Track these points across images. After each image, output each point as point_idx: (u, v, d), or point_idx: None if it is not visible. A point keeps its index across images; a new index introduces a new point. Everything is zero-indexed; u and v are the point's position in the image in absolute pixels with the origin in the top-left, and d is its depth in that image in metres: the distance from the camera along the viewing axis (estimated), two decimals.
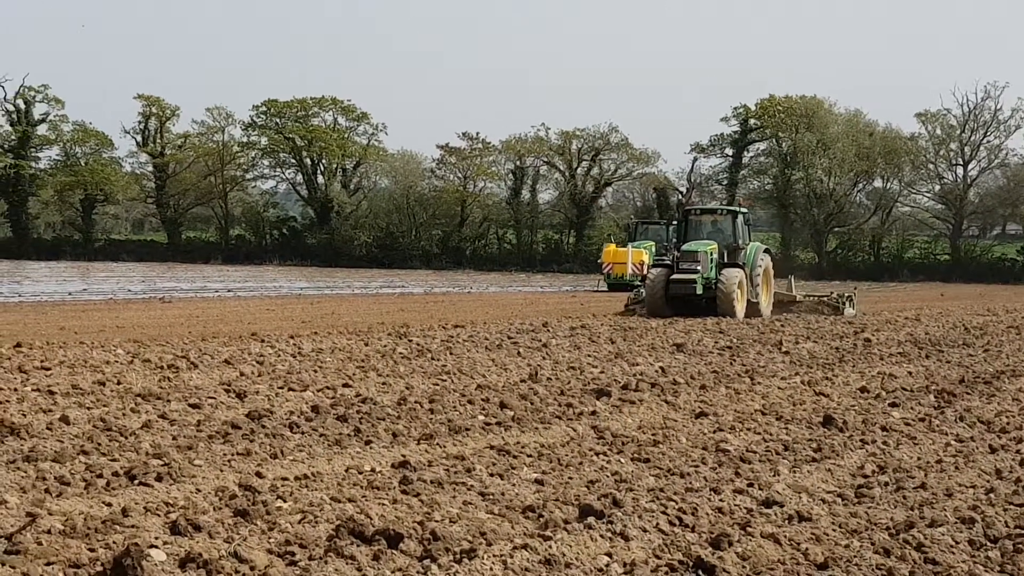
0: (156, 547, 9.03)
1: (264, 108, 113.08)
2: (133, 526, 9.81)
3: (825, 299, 44.27)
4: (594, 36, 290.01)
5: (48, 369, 20.11)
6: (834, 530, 10.39)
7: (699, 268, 39.33)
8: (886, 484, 12.26)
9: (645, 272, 58.57)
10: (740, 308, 39.08)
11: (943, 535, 10.21)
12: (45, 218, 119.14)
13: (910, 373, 22.98)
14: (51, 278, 66.61)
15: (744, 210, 42.49)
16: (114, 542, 9.26)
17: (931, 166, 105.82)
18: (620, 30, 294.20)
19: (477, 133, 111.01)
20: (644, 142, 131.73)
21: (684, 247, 40.33)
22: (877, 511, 11.10)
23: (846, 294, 45.13)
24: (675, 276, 39.63)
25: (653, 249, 62.03)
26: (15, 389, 17.48)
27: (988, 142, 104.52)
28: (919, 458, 13.92)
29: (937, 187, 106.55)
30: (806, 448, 14.32)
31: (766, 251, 42.15)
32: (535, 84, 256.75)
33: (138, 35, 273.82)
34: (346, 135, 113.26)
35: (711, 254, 39.87)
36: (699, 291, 39.25)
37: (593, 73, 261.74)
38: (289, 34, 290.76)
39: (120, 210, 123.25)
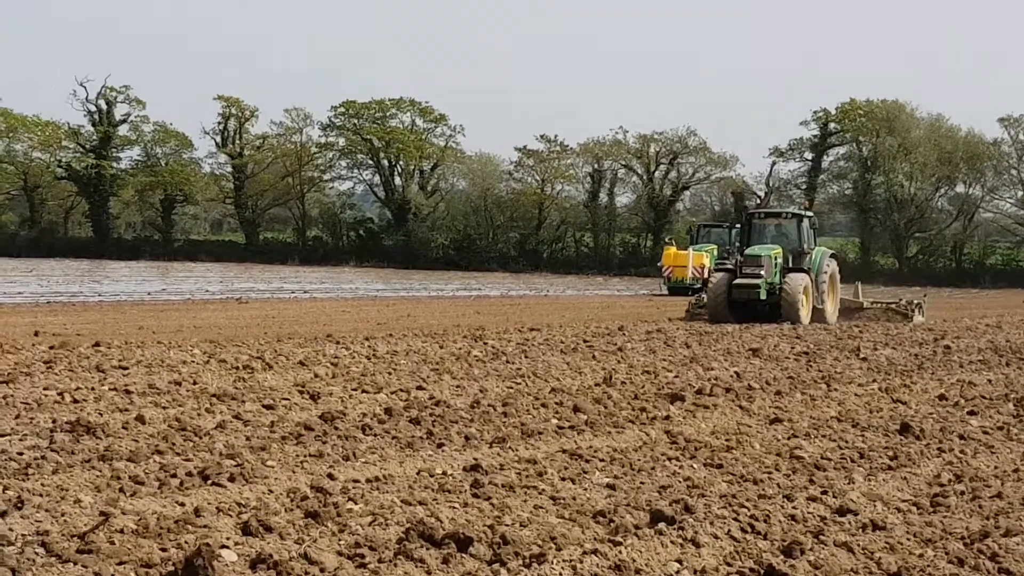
0: (227, 547, 9.07)
1: (342, 109, 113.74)
2: (205, 526, 9.85)
3: (893, 306, 43.35)
4: (675, 38, 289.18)
5: (126, 368, 20.27)
6: (908, 539, 10.28)
7: (763, 273, 38.40)
8: (962, 493, 12.12)
9: (705, 276, 58.01)
10: (805, 314, 38.20)
11: (1018, 545, 10.10)
12: (126, 218, 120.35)
13: (990, 381, 22.73)
14: (130, 278, 67.28)
15: (809, 214, 41.47)
16: (186, 542, 9.31)
17: (1014, 171, 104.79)
18: (700, 32, 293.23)
19: (555, 136, 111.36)
20: (723, 146, 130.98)
21: (748, 251, 39.42)
22: (952, 520, 10.98)
23: (915, 301, 43.88)
24: (738, 280, 38.74)
25: (715, 252, 61.30)
26: (92, 388, 17.63)
27: None
28: (996, 467, 13.76)
29: (1020, 193, 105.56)
30: (882, 456, 14.18)
31: (832, 256, 41.19)
32: (614, 85, 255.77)
33: (219, 36, 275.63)
34: (424, 136, 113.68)
35: (775, 258, 38.99)
36: (763, 296, 38.43)
37: (673, 75, 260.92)
38: (368, 34, 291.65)
39: (199, 210, 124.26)
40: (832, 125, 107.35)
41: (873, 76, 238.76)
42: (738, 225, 44.21)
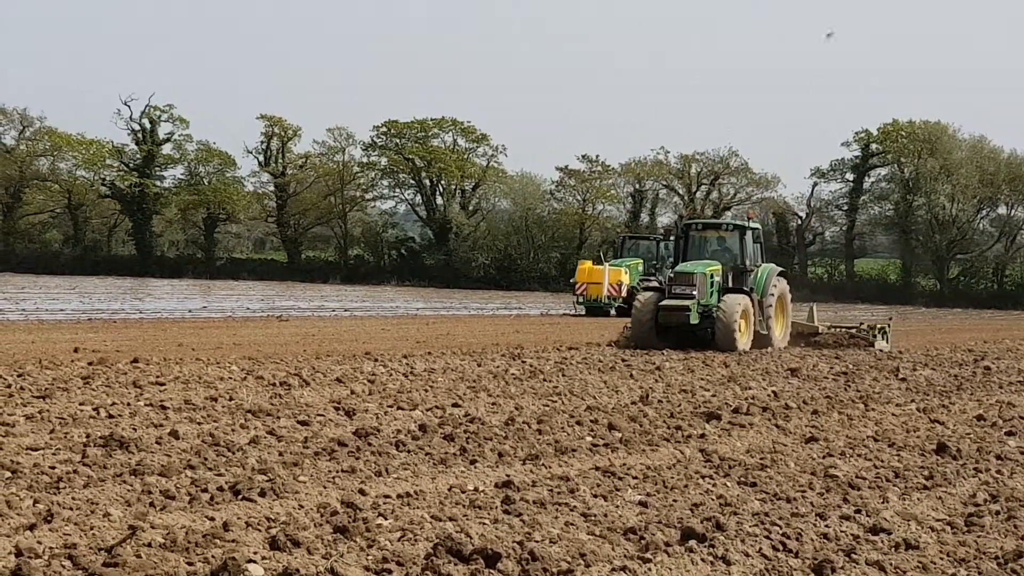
0: (254, 562, 9.06)
1: (384, 129, 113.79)
2: (233, 541, 9.84)
3: (854, 331, 38.47)
4: (715, 56, 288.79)
5: (163, 384, 20.34)
6: (941, 558, 10.20)
7: (694, 293, 33.54)
8: (997, 513, 12.02)
9: (624, 294, 55.52)
10: (743, 341, 33.46)
11: None
12: (169, 236, 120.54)
13: None
14: (172, 295, 67.49)
15: (755, 226, 36.13)
16: (213, 556, 9.30)
17: None
18: (740, 53, 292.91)
19: (597, 156, 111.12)
20: (764, 166, 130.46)
21: (678, 267, 34.61)
22: (987, 540, 10.89)
23: (878, 325, 38.96)
24: (666, 302, 33.88)
25: (639, 268, 58.21)
26: (128, 404, 17.70)
27: None
28: None
29: None
30: (917, 475, 14.08)
31: (781, 274, 36.27)
32: (653, 102, 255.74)
33: (262, 55, 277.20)
34: (465, 156, 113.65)
35: (712, 276, 34.03)
36: (694, 320, 33.50)
37: (714, 92, 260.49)
38: (411, 54, 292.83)
39: (242, 229, 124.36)
40: (874, 146, 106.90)
41: (915, 97, 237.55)
42: (671, 237, 39.20)
